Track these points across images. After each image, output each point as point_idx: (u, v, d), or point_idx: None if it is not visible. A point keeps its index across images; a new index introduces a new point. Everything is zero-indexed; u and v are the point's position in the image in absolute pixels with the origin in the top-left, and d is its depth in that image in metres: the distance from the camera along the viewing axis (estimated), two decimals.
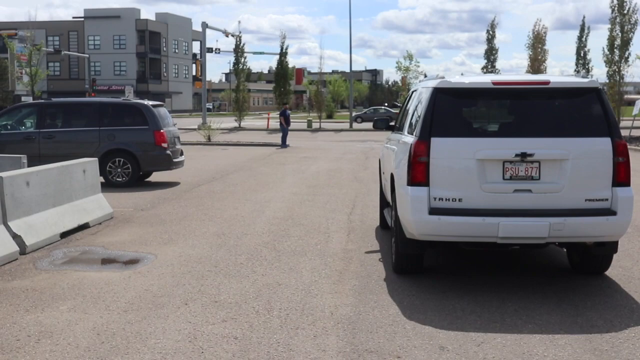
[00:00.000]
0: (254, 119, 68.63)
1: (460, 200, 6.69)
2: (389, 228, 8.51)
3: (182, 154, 16.73)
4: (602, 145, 6.68)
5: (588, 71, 48.10)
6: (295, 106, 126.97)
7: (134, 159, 15.16)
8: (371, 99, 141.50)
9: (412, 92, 8.83)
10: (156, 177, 16.92)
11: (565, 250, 7.96)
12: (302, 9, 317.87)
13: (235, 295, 6.64)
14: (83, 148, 14.99)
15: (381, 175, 10.12)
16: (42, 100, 16.47)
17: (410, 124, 7.80)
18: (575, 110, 6.91)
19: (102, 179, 15.19)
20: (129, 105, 15.55)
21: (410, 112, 8.16)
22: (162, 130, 15.26)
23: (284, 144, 31.77)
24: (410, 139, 7.23)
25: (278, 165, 21.73)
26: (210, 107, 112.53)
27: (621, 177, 6.68)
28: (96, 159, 11.18)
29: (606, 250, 7.17)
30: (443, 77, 7.29)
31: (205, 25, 51.14)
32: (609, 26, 36.97)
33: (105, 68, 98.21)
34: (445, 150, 6.76)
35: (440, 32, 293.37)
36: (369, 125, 13.02)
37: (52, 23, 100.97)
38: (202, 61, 50.96)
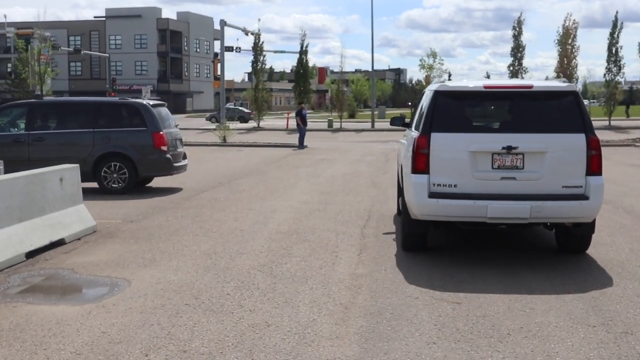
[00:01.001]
0: (275, 119, 67.37)
1: (455, 186, 7.85)
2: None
3: (185, 157, 15.49)
4: (578, 140, 7.77)
5: (620, 68, 46.20)
6: (318, 105, 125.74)
7: (130, 163, 13.93)
8: (394, 98, 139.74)
9: (423, 94, 9.80)
10: (158, 182, 15.68)
11: (553, 231, 8.87)
12: (326, 8, 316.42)
13: (210, 342, 5.33)
14: (75, 151, 13.80)
15: (398, 167, 11.03)
16: (33, 100, 15.30)
17: (417, 121, 8.94)
18: (555, 110, 8.02)
19: (96, 185, 14.15)
20: (126, 105, 14.32)
21: (418, 110, 9.36)
22: (161, 132, 14.01)
23: (301, 145, 30.46)
24: (415, 134, 8.42)
25: (292, 168, 20.42)
26: (232, 106, 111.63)
27: (594, 167, 7.79)
28: (77, 165, 9.93)
29: (584, 230, 8.25)
30: (444, 82, 8.76)
31: (224, 23, 49.97)
32: None
33: (126, 68, 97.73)
34: (443, 144, 7.93)
35: (464, 30, 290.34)
36: (388, 124, 12.78)
37: (74, 23, 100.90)
38: (221, 60, 49.74)
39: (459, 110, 8.31)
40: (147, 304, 6.32)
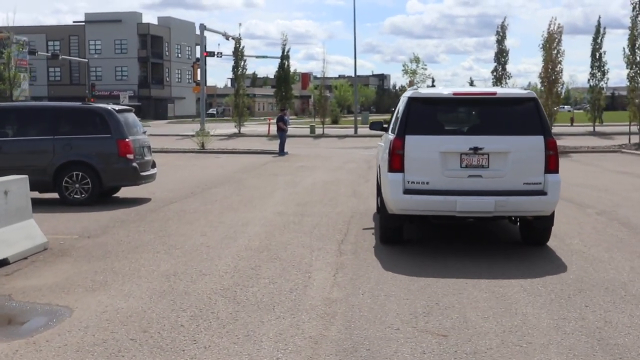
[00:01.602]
0: (257, 125, 66.41)
1: (427, 183, 8.58)
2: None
3: (153, 165, 14.60)
4: (537, 142, 8.53)
5: (604, 74, 45.77)
6: (301, 111, 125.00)
7: (94, 172, 13.02)
8: (378, 104, 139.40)
9: (399, 100, 10.46)
10: (125, 192, 14.78)
11: (518, 225, 9.64)
12: (309, 14, 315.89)
13: None
14: (34, 160, 12.91)
15: (376, 167, 11.71)
16: None
17: (394, 124, 9.66)
18: (517, 115, 8.82)
19: (57, 196, 13.25)
20: (89, 111, 13.41)
21: (395, 115, 10.13)
22: (127, 140, 13.12)
23: (281, 152, 29.63)
24: (391, 136, 9.12)
25: (270, 176, 19.58)
26: (214, 112, 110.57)
27: (551, 166, 8.54)
28: (25, 176, 9.02)
29: (544, 223, 9.01)
30: (416, 89, 9.68)
31: (203, 28, 49.05)
32: (629, 25, 34.58)
33: (106, 73, 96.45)
34: (417, 145, 8.66)
35: (448, 37, 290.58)
36: (376, 131, 12.69)
37: (52, 27, 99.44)
38: (201, 64, 48.83)
39: (430, 115, 9.07)
40: (87, 340, 5.46)
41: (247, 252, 8.82)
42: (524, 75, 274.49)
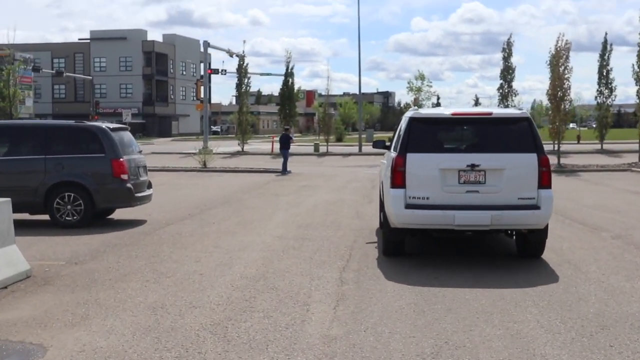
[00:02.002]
0: (262, 142, 66.07)
1: (427, 198, 8.97)
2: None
3: (149, 186, 14.08)
4: (530, 159, 8.95)
5: (612, 91, 45.25)
6: (306, 129, 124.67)
7: (87, 193, 12.51)
8: (383, 121, 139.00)
9: (401, 120, 10.82)
10: (121, 213, 14.26)
11: (514, 239, 10.08)
12: (314, 32, 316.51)
13: None
14: (25, 181, 12.45)
15: (379, 184, 12.20)
16: None
17: (395, 143, 10.13)
18: (511, 134, 9.19)
19: (48, 218, 12.75)
20: (82, 129, 12.92)
21: (396, 134, 10.53)
22: (121, 159, 12.62)
23: (284, 171, 29.11)
24: (394, 154, 9.55)
25: (271, 196, 19.05)
26: (219, 130, 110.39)
27: (544, 182, 8.94)
28: (8, 199, 8.50)
29: (538, 236, 9.38)
30: (417, 109, 10.39)
31: (207, 44, 48.89)
32: (638, 41, 34.14)
33: (111, 90, 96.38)
34: (417, 163, 9.06)
35: (452, 54, 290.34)
36: (379, 149, 13.01)
37: (58, 45, 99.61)
38: (204, 82, 48.50)
39: (430, 134, 9.48)
40: None
41: (242, 281, 8.27)
42: (529, 92, 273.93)
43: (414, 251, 10.12)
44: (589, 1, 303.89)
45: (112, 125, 13.18)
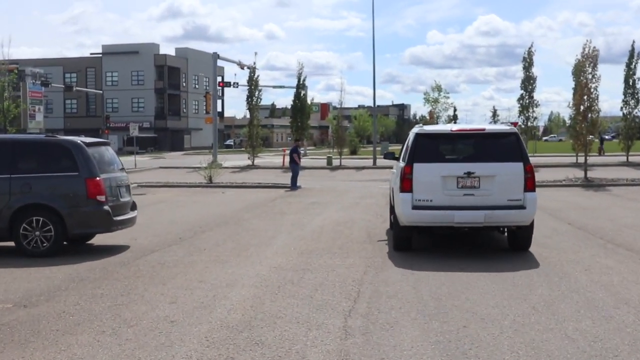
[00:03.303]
0: (274, 156, 64.53)
1: (431, 200, 10.72)
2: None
3: (133, 207, 12.50)
4: (517, 167, 10.72)
5: (638, 101, 43.26)
6: (320, 142, 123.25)
7: (57, 217, 10.92)
8: (398, 134, 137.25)
9: (408, 135, 12.18)
10: (103, 238, 12.65)
11: (505, 235, 11.80)
12: (329, 45, 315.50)
13: None
14: None
15: (390, 191, 13.83)
16: None
17: (404, 155, 11.77)
18: (501, 146, 10.98)
19: (13, 245, 11.16)
20: (53, 144, 11.30)
21: (404, 147, 12.14)
22: (97, 178, 11.02)
23: (294, 186, 27.46)
24: (402, 164, 11.37)
25: (276, 215, 17.39)
26: (232, 143, 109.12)
27: (529, 186, 10.71)
28: None
29: (525, 232, 11.11)
30: (422, 126, 12.15)
31: (216, 56, 47.59)
32: None
33: (123, 104, 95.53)
34: (422, 171, 10.81)
35: (468, 67, 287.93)
36: (388, 160, 13.02)
37: (69, 60, 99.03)
38: (213, 95, 47.09)
39: (433, 146, 11.10)
40: None
41: (221, 332, 6.60)
42: (545, 104, 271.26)
43: (435, 292, 8.42)
44: (605, 13, 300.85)
45: (88, 140, 11.58)
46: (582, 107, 29.85)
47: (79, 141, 11.25)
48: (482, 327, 6.73)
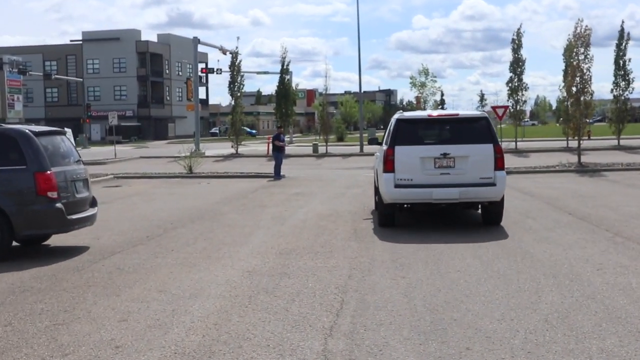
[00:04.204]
0: (260, 144, 63.18)
1: (411, 180, 11.82)
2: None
3: (93, 204, 11.27)
4: (488, 148, 11.84)
5: (629, 83, 42.26)
6: (307, 128, 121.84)
7: (3, 217, 9.68)
8: (385, 120, 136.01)
9: (390, 121, 13.51)
10: (62, 238, 11.43)
11: (480, 211, 12.97)
12: (315, 31, 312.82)
13: None
14: None
15: (374, 173, 14.67)
16: None
17: (387, 139, 12.99)
18: (473, 129, 12.14)
19: None
20: None
21: (386, 132, 13.48)
22: (48, 172, 9.79)
23: (277, 175, 26.26)
24: (385, 147, 12.49)
25: (255, 208, 16.22)
26: (217, 131, 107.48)
27: (499, 165, 11.83)
28: None
29: (496, 207, 12.24)
30: (402, 113, 13.08)
31: (197, 41, 46.07)
32: None
33: (104, 93, 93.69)
34: (403, 153, 11.90)
35: (454, 51, 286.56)
36: (372, 145, 15.26)
37: (49, 47, 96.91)
38: (194, 81, 45.67)
39: (412, 131, 12.22)
40: None
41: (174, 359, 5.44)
42: (532, 88, 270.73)
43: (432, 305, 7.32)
44: None
45: (38, 129, 10.32)
46: (574, 89, 28.82)
47: (26, 130, 9.98)
48: (488, 349, 5.61)
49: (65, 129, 27.41)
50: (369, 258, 9.63)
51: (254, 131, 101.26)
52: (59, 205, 9.88)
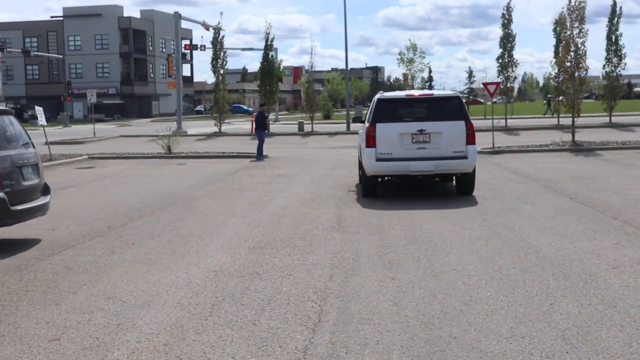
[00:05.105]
0: (245, 122, 61.77)
1: (391, 154, 12.95)
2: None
3: (45, 192, 10.06)
4: (460, 125, 13.03)
5: (621, 59, 41.14)
6: (293, 106, 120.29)
7: None
8: (373, 97, 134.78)
9: (372, 101, 14.65)
10: (12, 229, 10.22)
11: (454, 182, 14.16)
12: (302, 8, 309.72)
13: None
14: None
15: (358, 149, 16.04)
16: None
17: (368, 116, 14.13)
18: (447, 108, 13.40)
19: None
20: None
21: (369, 111, 14.59)
22: None
23: (259, 155, 25.03)
24: (367, 124, 13.63)
25: (233, 192, 15.07)
26: (202, 109, 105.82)
27: (470, 140, 12.99)
28: None
29: (468, 178, 13.39)
30: (383, 93, 15.21)
31: (178, 16, 44.53)
32: None
33: (86, 70, 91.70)
34: (383, 129, 13.03)
35: (441, 28, 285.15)
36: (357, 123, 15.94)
37: (29, 23, 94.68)
38: (176, 57, 44.18)
39: (392, 109, 13.55)
40: None
41: None
42: (519, 65, 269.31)
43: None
44: None
45: None
46: (568, 64, 27.68)
47: None
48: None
49: (37, 108, 26.16)
50: (353, 253, 8.53)
51: (251, 109, 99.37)
52: (1, 194, 8.67)
